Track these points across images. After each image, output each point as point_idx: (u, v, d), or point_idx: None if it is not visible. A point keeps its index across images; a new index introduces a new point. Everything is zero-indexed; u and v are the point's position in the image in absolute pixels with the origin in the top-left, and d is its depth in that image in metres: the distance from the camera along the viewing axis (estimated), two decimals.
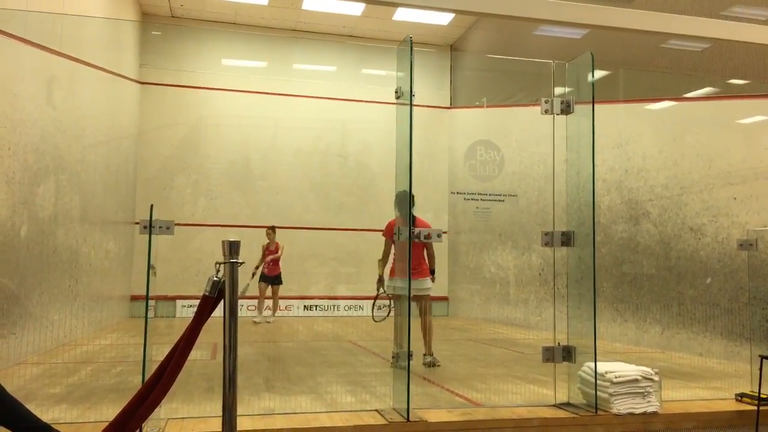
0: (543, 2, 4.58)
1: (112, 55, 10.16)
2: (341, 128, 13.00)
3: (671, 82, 8.55)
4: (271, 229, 10.51)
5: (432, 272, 6.41)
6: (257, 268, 10.37)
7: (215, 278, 2.78)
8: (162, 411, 3.78)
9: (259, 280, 10.47)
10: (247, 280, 9.94)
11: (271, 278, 10.49)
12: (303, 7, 12.05)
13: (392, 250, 6.26)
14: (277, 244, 10.51)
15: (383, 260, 6.52)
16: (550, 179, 5.21)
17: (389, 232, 6.36)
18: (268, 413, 4.10)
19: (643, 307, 8.39)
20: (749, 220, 7.13)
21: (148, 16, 12.39)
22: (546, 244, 4.67)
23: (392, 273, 6.12)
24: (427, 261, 6.40)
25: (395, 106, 4.37)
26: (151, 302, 3.91)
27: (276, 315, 11.19)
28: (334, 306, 12.45)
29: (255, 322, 10.31)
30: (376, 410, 4.16)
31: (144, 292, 3.87)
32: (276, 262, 10.51)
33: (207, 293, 2.79)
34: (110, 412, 3.60)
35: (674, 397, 4.72)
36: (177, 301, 11.36)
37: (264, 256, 10.50)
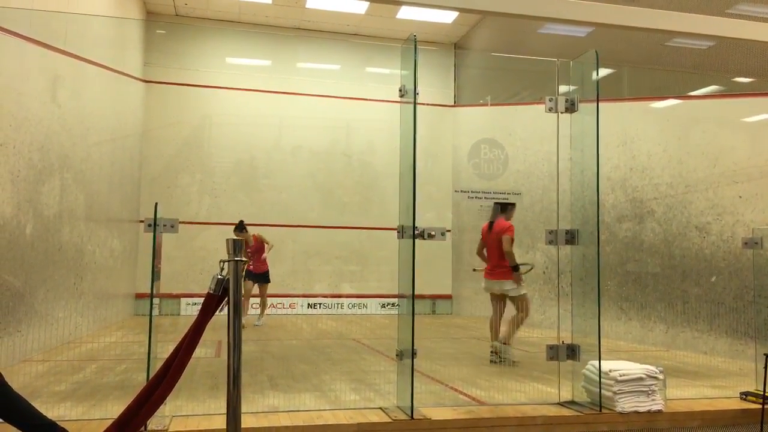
0: (547, 0, 4.57)
1: (116, 54, 10.19)
2: (345, 127, 13.00)
3: (676, 80, 8.53)
4: (239, 229, 9.35)
5: (514, 268, 6.45)
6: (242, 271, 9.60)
7: (219, 276, 2.79)
8: (166, 408, 3.80)
9: (245, 278, 9.37)
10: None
11: (258, 276, 9.56)
12: (307, 6, 12.05)
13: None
14: (254, 237, 9.55)
15: (478, 254, 6.99)
16: (554, 177, 5.21)
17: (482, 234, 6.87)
18: (272, 411, 4.10)
19: (648, 305, 8.37)
20: (754, 219, 7.11)
21: (153, 15, 12.42)
22: (550, 243, 4.67)
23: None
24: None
25: (399, 105, 4.36)
26: (156, 300, 3.92)
27: (280, 314, 11.16)
28: (338, 304, 12.46)
29: (255, 324, 9.58)
30: (380, 408, 4.17)
31: (149, 290, 3.89)
32: (261, 257, 9.56)
33: (211, 291, 2.80)
34: (115, 409, 3.62)
35: (679, 395, 4.71)
36: (181, 299, 11.38)
37: (245, 253, 9.69)
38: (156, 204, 3.90)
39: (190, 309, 11.27)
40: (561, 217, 5.74)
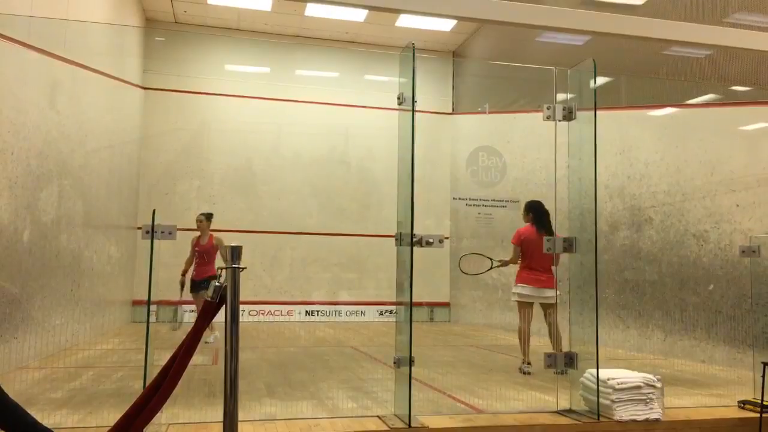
0: (545, 9, 4.59)
1: (115, 61, 10.21)
2: (344, 134, 13.02)
3: (673, 89, 8.56)
4: (205, 217, 8.16)
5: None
6: (184, 274, 8.01)
7: (217, 283, 2.79)
8: (163, 416, 3.78)
9: (190, 290, 8.01)
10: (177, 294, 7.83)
11: (199, 283, 7.96)
12: (306, 14, 12.09)
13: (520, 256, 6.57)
14: (211, 236, 8.08)
15: (512, 262, 6.70)
16: (552, 185, 5.21)
17: (515, 239, 6.61)
18: (270, 419, 4.09)
19: (646, 313, 8.37)
20: (752, 227, 7.12)
21: (152, 22, 12.45)
22: (548, 251, 4.67)
23: (519, 279, 6.48)
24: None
25: (398, 112, 4.37)
26: (153, 307, 3.91)
27: (278, 321, 11.06)
28: (335, 311, 12.44)
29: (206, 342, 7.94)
30: (378, 416, 4.16)
31: (146, 297, 3.88)
32: (210, 262, 7.99)
33: (209, 298, 2.80)
34: (111, 417, 3.60)
35: (677, 404, 4.70)
36: (179, 306, 11.34)
37: (193, 253, 7.99)
38: (154, 210, 3.90)
39: (188, 316, 11.23)
40: (559, 225, 5.76)
